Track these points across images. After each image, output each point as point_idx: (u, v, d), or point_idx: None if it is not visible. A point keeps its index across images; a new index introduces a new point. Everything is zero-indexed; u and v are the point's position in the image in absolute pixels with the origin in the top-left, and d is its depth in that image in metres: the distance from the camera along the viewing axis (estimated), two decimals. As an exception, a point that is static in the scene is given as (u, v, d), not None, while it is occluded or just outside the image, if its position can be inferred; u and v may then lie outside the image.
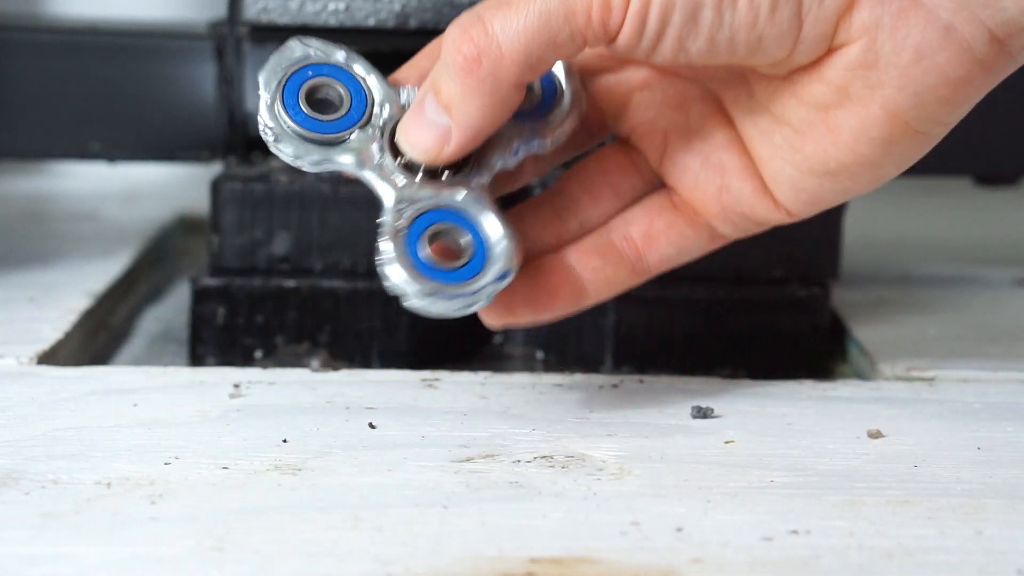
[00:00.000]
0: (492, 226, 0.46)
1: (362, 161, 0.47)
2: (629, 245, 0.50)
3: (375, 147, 0.47)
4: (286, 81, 0.47)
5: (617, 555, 0.38)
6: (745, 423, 0.49)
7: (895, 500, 0.42)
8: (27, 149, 0.65)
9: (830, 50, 0.45)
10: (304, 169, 0.47)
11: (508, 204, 0.49)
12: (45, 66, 0.63)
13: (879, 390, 0.53)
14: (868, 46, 0.44)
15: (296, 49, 0.47)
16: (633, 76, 0.50)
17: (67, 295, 0.62)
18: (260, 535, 0.39)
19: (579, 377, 0.54)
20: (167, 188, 0.92)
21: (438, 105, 0.46)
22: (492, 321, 0.48)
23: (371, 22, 0.57)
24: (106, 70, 0.64)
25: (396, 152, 0.47)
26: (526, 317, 0.48)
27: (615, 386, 0.53)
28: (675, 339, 0.59)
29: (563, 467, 0.44)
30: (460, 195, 0.46)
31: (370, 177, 0.47)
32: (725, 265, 0.59)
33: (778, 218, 0.49)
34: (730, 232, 0.50)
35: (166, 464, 0.44)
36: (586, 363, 0.60)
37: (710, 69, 0.48)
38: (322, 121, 0.46)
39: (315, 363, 0.58)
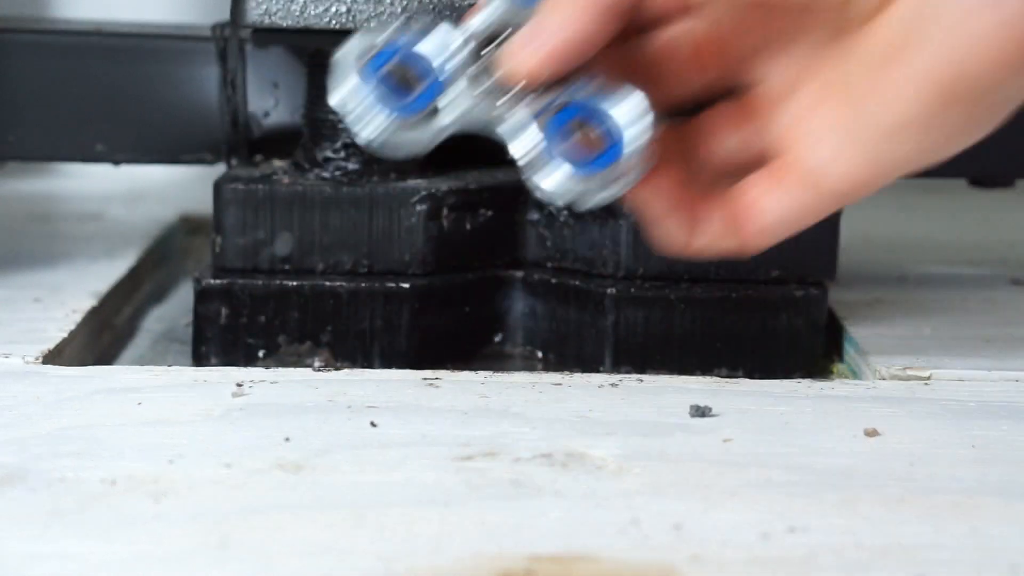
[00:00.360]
0: (619, 106, 0.47)
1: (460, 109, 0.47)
2: (735, 209, 0.50)
3: (468, 91, 0.47)
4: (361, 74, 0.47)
5: (616, 553, 0.39)
6: (743, 422, 0.49)
7: (891, 498, 0.43)
8: (32, 150, 0.65)
9: (885, 1, 0.45)
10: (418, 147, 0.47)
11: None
12: (50, 68, 0.63)
13: (875, 389, 0.53)
14: (918, 1, 0.44)
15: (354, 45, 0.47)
16: (750, 29, 0.50)
17: (72, 295, 0.63)
18: (262, 533, 0.39)
19: (579, 377, 0.54)
20: (171, 189, 0.92)
21: (543, 17, 0.46)
22: (680, 240, 0.49)
23: (372, 24, 0.57)
24: (110, 72, 0.64)
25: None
26: (653, 209, 0.49)
27: (615, 385, 0.53)
28: (674, 339, 0.59)
29: (563, 466, 0.45)
30: (574, 90, 0.47)
31: (479, 112, 0.47)
32: (723, 265, 0.59)
33: (852, 183, 0.48)
34: (820, 203, 0.49)
35: (170, 462, 0.44)
36: (586, 363, 0.60)
37: (813, 21, 0.48)
38: (408, 99, 0.47)
39: (317, 362, 0.58)
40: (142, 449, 0.45)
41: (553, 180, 0.46)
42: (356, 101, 0.46)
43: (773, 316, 0.54)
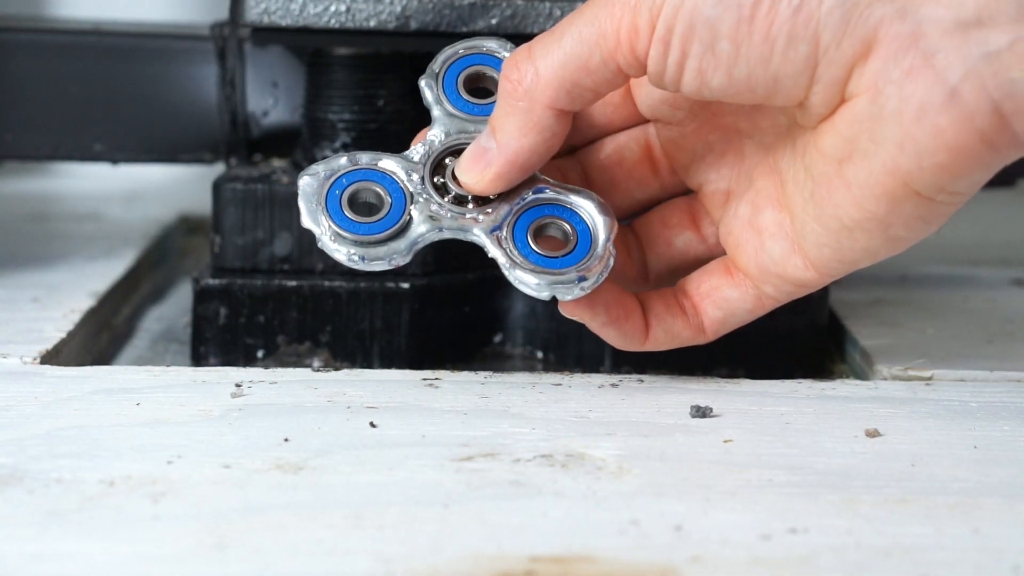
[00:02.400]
0: (591, 210, 0.50)
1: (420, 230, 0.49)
2: (689, 304, 0.52)
3: (428, 208, 0.50)
4: (326, 202, 0.49)
5: (616, 553, 0.39)
6: (744, 422, 0.49)
7: (892, 499, 0.43)
8: (31, 150, 0.65)
9: (843, 100, 0.45)
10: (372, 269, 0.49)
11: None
12: (48, 68, 0.63)
13: (876, 389, 0.53)
14: (875, 99, 0.44)
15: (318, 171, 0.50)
16: (696, 132, 0.52)
17: (70, 295, 0.63)
18: (262, 533, 0.39)
19: (579, 377, 0.54)
20: (169, 189, 0.92)
21: (489, 132, 0.49)
22: (568, 308, 0.50)
23: (372, 24, 0.57)
24: (109, 71, 0.64)
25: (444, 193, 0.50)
26: (599, 319, 0.50)
27: (615, 386, 0.53)
28: (674, 339, 0.59)
29: (563, 466, 0.45)
30: (536, 191, 0.50)
31: (434, 229, 0.49)
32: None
33: (810, 278, 0.49)
34: (773, 293, 0.50)
35: (168, 463, 0.44)
36: (586, 363, 0.60)
37: (763, 122, 0.50)
38: (370, 223, 0.49)
39: (316, 363, 0.58)
40: (140, 449, 0.45)
41: (531, 279, 0.49)
42: (323, 228, 0.48)
43: (774, 316, 0.54)
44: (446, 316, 0.60)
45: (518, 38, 0.51)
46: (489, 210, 0.49)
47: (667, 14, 0.45)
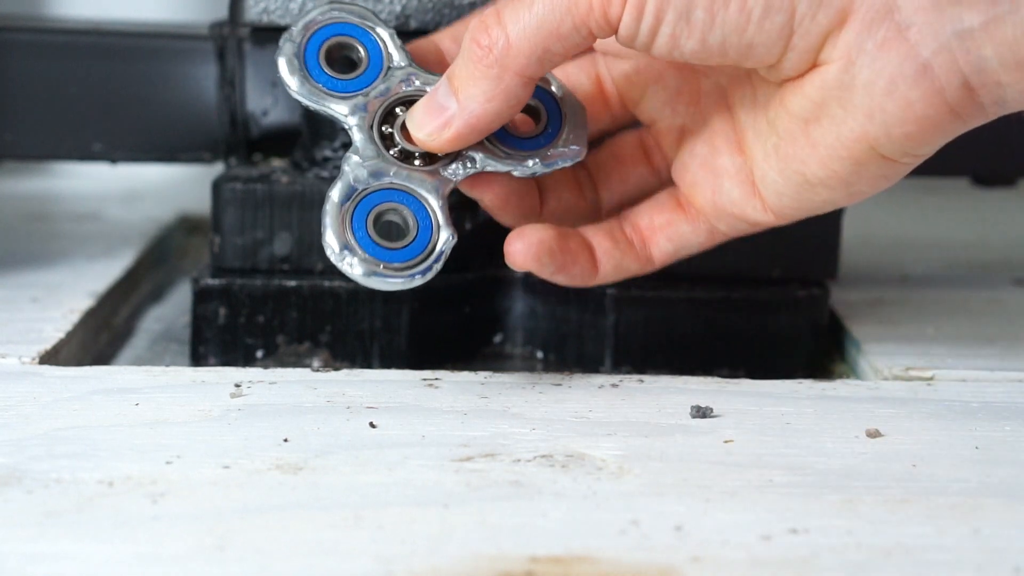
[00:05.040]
0: (440, 213, 0.49)
1: (358, 121, 0.49)
2: (636, 235, 0.52)
3: (375, 112, 0.50)
4: (310, 36, 0.49)
5: (617, 554, 0.38)
6: (744, 422, 0.49)
7: (893, 499, 0.43)
8: (30, 150, 0.65)
9: (814, 65, 0.46)
10: (306, 105, 0.50)
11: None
12: (47, 67, 0.63)
13: (877, 390, 0.53)
14: (847, 68, 0.45)
15: (324, 10, 0.50)
16: (649, 66, 0.51)
17: (69, 295, 0.62)
18: (261, 534, 0.39)
19: (579, 377, 0.54)
20: (169, 188, 0.92)
21: (449, 90, 0.48)
22: (518, 260, 0.50)
23: (372, 23, 0.57)
24: (108, 71, 0.64)
25: (388, 138, 0.50)
26: (547, 269, 0.50)
27: (615, 386, 0.53)
28: (674, 339, 0.59)
29: (563, 466, 0.45)
30: (423, 180, 0.50)
31: (356, 135, 0.49)
32: (724, 265, 0.59)
33: (767, 219, 0.50)
34: (726, 230, 0.51)
35: (168, 463, 0.44)
36: (586, 363, 0.60)
37: (718, 66, 0.49)
38: (336, 79, 0.49)
39: (316, 363, 0.58)
40: (140, 450, 0.45)
41: (337, 247, 0.48)
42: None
43: (774, 316, 0.54)
44: (446, 316, 0.60)
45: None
46: (438, 168, 0.49)
47: None
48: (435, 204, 0.49)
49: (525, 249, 0.50)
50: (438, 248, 0.49)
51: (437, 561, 0.38)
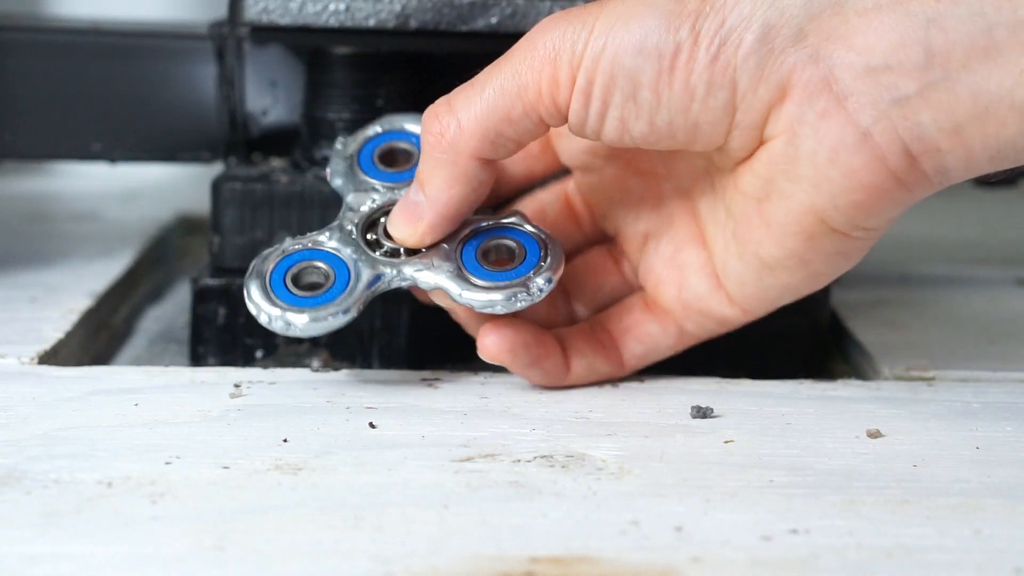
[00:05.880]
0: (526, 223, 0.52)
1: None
2: (608, 339, 0.53)
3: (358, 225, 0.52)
4: (271, 274, 0.51)
5: (617, 554, 0.38)
6: (744, 423, 0.49)
7: (894, 499, 0.42)
8: (28, 150, 0.65)
9: (761, 142, 0.46)
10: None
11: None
12: (46, 67, 0.63)
13: (878, 390, 0.53)
14: (791, 140, 0.45)
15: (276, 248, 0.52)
16: (613, 177, 0.53)
17: (68, 295, 0.62)
18: (261, 534, 0.39)
19: (579, 377, 0.54)
20: (168, 188, 0.92)
21: (417, 186, 0.49)
22: (492, 351, 0.51)
23: (371, 23, 0.57)
24: (107, 71, 0.64)
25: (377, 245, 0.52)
26: (520, 362, 0.51)
27: (615, 386, 0.53)
28: (675, 339, 0.59)
29: (563, 467, 0.45)
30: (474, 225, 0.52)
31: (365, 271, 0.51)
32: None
33: (733, 315, 0.51)
34: (695, 331, 0.52)
35: (167, 464, 0.44)
36: (586, 363, 0.60)
37: (680, 165, 0.51)
38: (310, 297, 0.50)
39: (315, 363, 0.58)
40: (139, 450, 0.45)
41: (482, 296, 0.50)
42: (272, 311, 0.49)
43: (775, 316, 0.53)
44: (446, 316, 0.59)
45: (518, 37, 0.51)
46: (425, 259, 0.51)
47: (587, 66, 0.46)
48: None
49: (499, 341, 0.51)
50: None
51: (437, 561, 0.38)
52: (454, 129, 0.47)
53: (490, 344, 0.51)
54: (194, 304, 0.59)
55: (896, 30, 0.43)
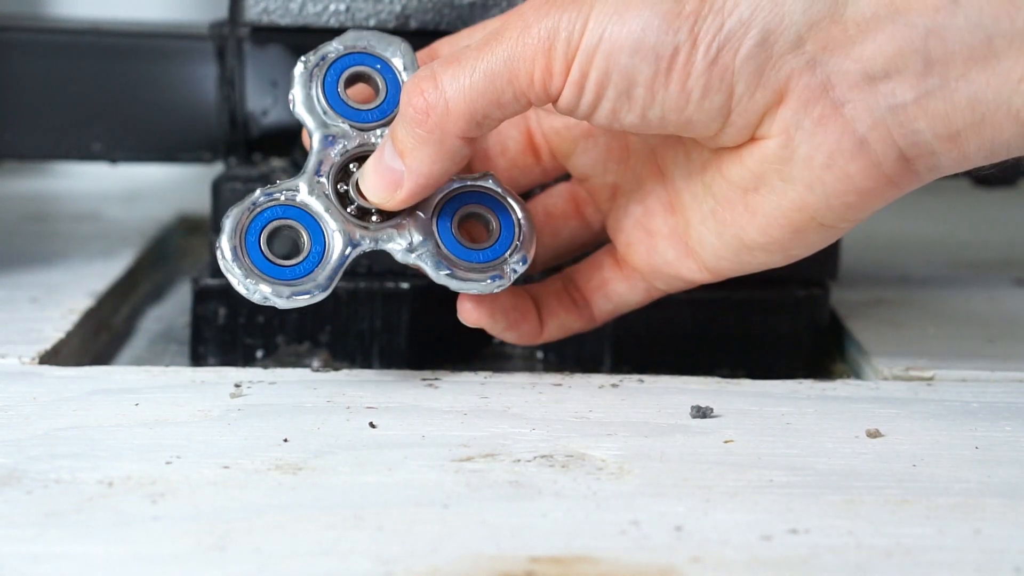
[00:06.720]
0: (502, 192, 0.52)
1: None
2: (579, 295, 0.53)
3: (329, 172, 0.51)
4: (245, 233, 0.50)
5: (617, 554, 0.38)
6: (744, 423, 0.49)
7: (894, 499, 0.42)
8: (29, 150, 0.65)
9: (753, 139, 0.47)
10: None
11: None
12: (47, 67, 0.63)
13: (878, 390, 0.53)
14: (786, 144, 0.46)
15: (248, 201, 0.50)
16: (579, 123, 0.52)
17: (69, 295, 0.62)
18: (261, 534, 0.39)
19: (579, 377, 0.54)
20: (168, 188, 0.92)
21: (394, 151, 0.49)
22: (471, 316, 0.52)
23: (371, 23, 0.57)
24: (108, 71, 0.64)
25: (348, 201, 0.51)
26: (499, 326, 0.52)
27: (615, 386, 0.53)
28: (675, 339, 0.59)
29: (563, 466, 0.45)
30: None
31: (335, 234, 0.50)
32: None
33: (702, 278, 0.51)
34: (663, 287, 0.53)
35: (167, 463, 0.44)
36: (586, 363, 0.60)
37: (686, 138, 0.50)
38: (285, 267, 0.50)
39: (316, 363, 0.58)
40: (139, 450, 0.45)
41: (459, 283, 0.50)
42: (243, 274, 0.49)
43: (775, 316, 0.54)
44: (446, 316, 0.59)
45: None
46: (402, 228, 0.50)
47: (582, 59, 0.45)
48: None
49: (479, 306, 0.52)
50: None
51: (437, 561, 0.38)
52: (441, 109, 0.47)
53: (470, 309, 0.52)
54: (194, 304, 0.59)
55: (895, 40, 0.44)
